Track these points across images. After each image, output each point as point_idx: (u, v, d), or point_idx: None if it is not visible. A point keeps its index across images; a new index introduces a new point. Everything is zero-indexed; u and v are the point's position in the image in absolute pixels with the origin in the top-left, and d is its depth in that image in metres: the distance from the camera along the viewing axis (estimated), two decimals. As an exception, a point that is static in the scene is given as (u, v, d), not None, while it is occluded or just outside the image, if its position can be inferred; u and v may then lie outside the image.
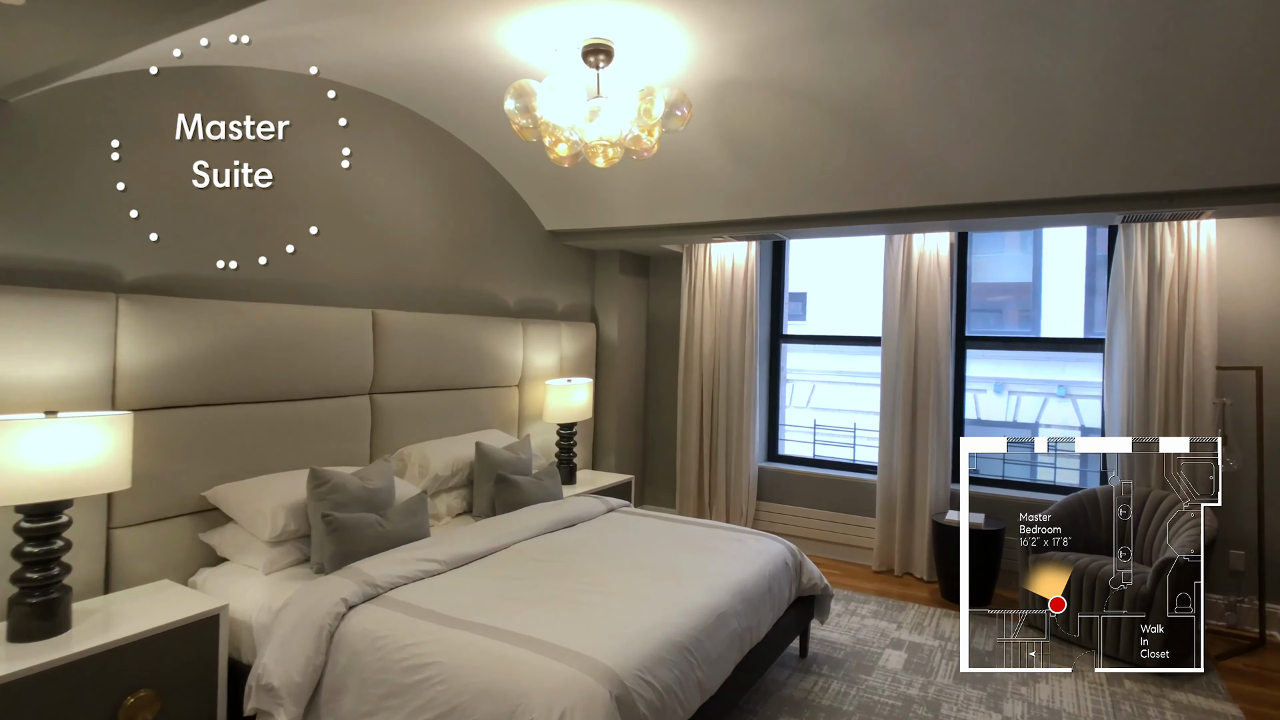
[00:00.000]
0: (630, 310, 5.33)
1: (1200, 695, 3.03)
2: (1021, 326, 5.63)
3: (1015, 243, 5.80)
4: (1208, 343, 3.63)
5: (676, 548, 3.12)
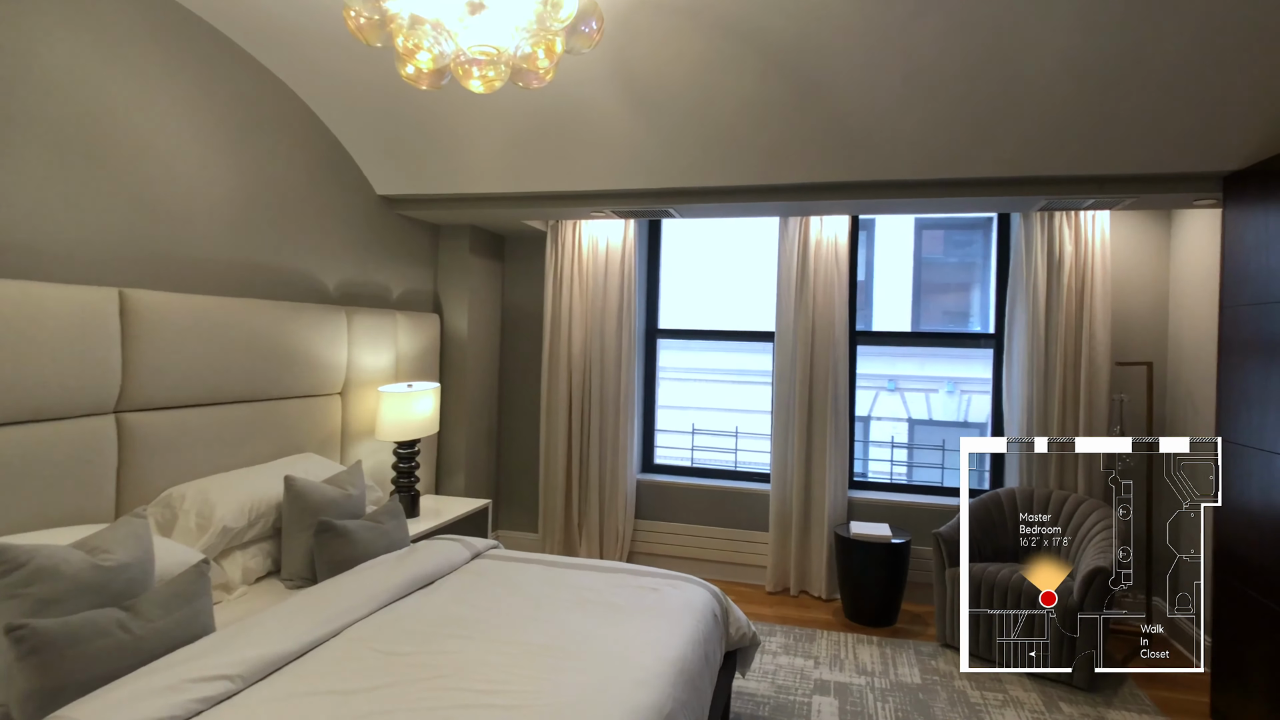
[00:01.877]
0: (483, 298, 4.44)
1: (1135, 712, 2.84)
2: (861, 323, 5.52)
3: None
4: (1103, 338, 3.55)
5: (579, 610, 2.36)
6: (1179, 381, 3.48)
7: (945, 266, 6.87)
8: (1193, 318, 3.38)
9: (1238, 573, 2.68)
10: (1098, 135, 2.68)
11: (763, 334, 4.42)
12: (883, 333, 4.67)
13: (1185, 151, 2.69)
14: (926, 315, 5.95)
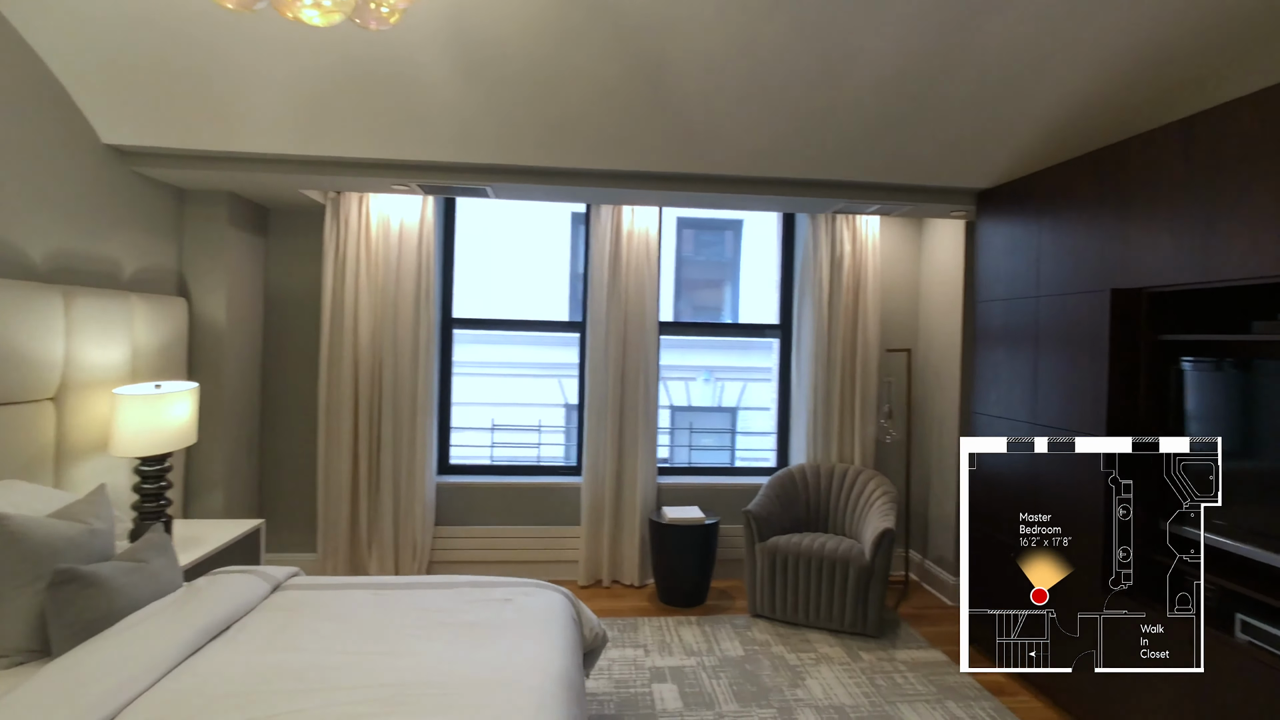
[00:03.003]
0: (244, 281, 3.71)
1: (915, 649, 3.29)
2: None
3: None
4: (874, 328, 4.06)
5: (434, 636, 2.07)
6: (928, 365, 4.12)
7: (697, 264, 7.40)
8: (938, 311, 4.03)
9: (982, 518, 3.24)
10: (892, 149, 3.04)
11: (568, 324, 4.33)
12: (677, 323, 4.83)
13: (955, 170, 3.17)
14: (684, 309, 6.35)
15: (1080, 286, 2.61)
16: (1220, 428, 2.28)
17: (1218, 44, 2.46)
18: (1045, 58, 2.55)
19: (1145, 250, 2.34)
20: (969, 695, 2.88)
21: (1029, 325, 2.91)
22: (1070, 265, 2.67)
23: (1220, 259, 2.08)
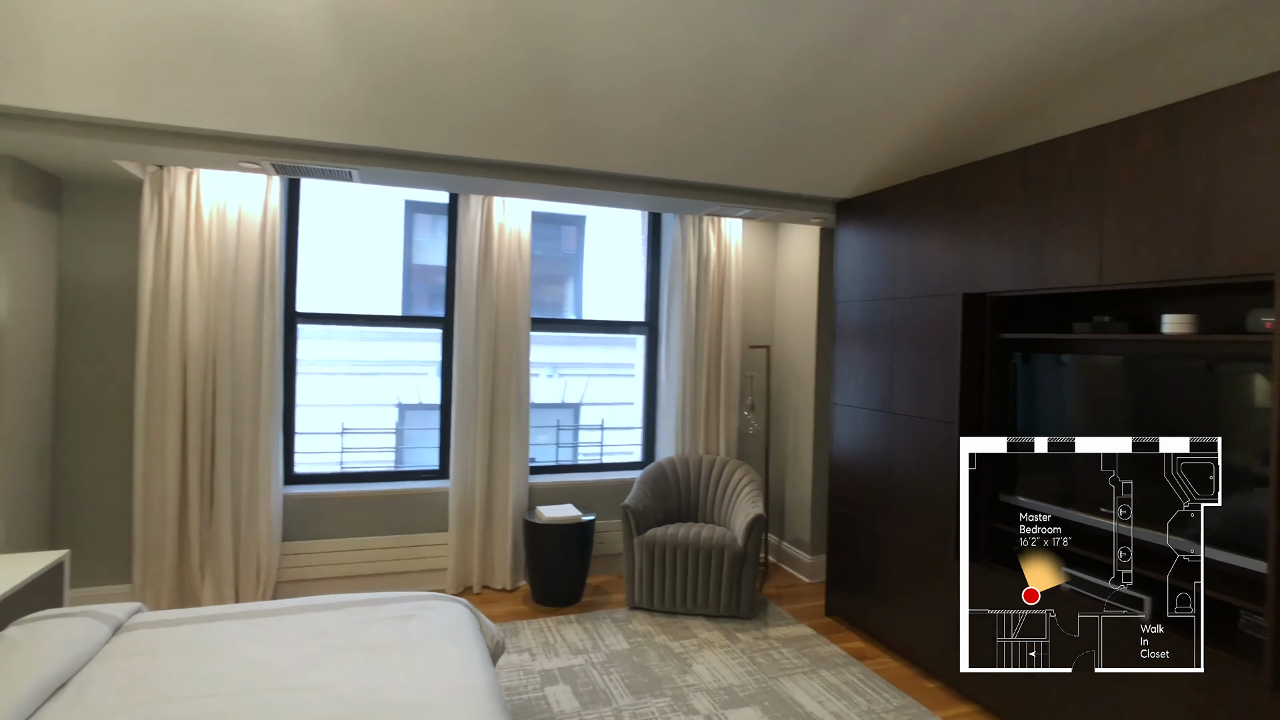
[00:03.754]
0: (28, 264, 3.09)
1: (785, 626, 3.53)
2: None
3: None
4: (737, 326, 4.28)
5: (336, 663, 1.88)
6: (784, 360, 4.41)
7: (538, 259, 7.34)
8: (794, 310, 4.33)
9: (841, 500, 3.56)
10: (768, 159, 3.22)
11: (429, 320, 4.10)
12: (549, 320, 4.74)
13: (820, 181, 3.43)
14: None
15: (934, 290, 2.95)
16: (1041, 412, 2.69)
17: (1043, 85, 2.90)
18: (902, 88, 2.83)
19: (991, 260, 2.69)
20: (839, 663, 3.15)
21: (886, 324, 3.24)
22: (925, 271, 3.01)
23: (1051, 270, 2.45)
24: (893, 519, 3.19)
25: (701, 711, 2.75)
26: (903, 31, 2.51)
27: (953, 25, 2.50)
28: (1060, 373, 2.64)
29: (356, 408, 4.82)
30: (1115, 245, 2.23)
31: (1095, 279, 2.30)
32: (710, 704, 2.80)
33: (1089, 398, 2.53)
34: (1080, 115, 2.77)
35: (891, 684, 2.97)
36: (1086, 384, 2.53)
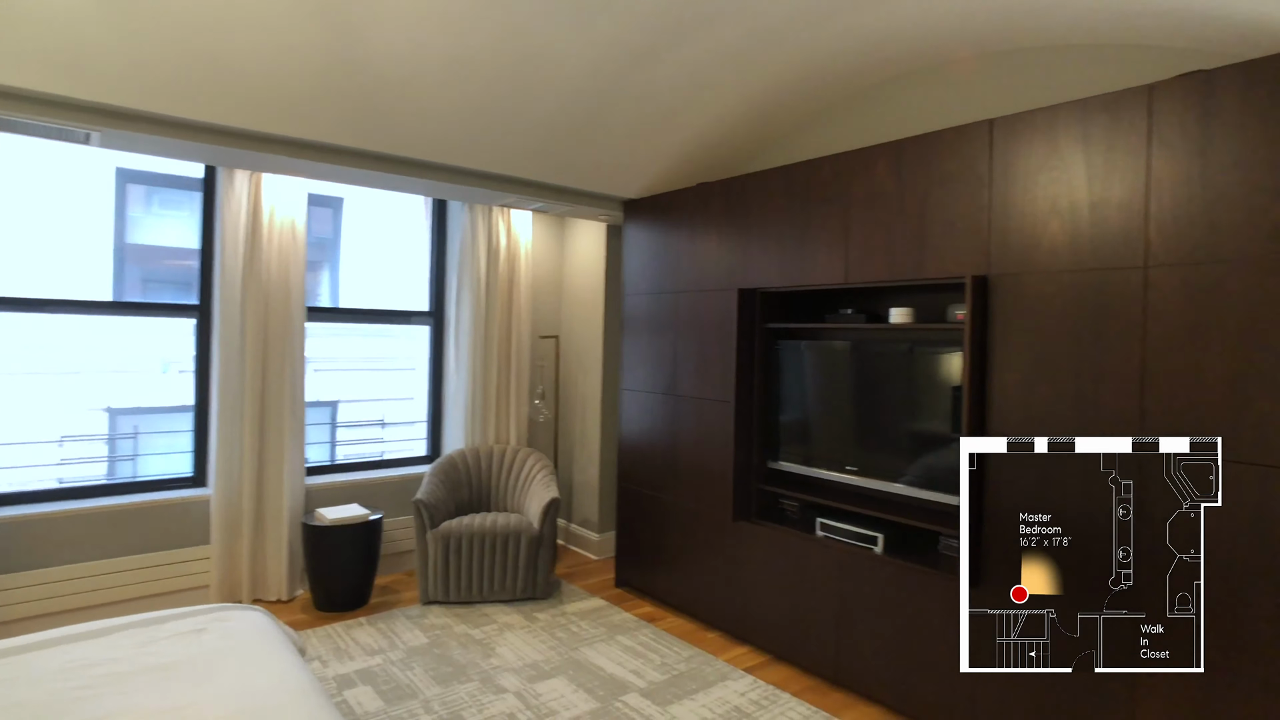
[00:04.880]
0: None
1: (580, 601, 3.71)
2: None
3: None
4: (527, 317, 4.37)
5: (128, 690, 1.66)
6: (573, 349, 4.60)
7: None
8: (581, 302, 4.53)
9: (630, 478, 3.84)
10: (564, 156, 3.36)
11: (183, 308, 3.60)
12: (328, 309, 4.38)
13: (611, 181, 3.65)
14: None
15: (714, 285, 3.32)
16: (798, 388, 3.18)
17: (803, 112, 3.41)
18: (689, 102, 3.17)
19: (760, 260, 3.12)
20: (632, 628, 3.41)
21: (670, 315, 3.57)
22: (705, 268, 3.38)
23: (809, 270, 2.93)
24: (677, 491, 3.54)
25: (511, 689, 2.83)
26: (693, 52, 2.82)
27: (733, 53, 2.86)
28: (810, 355, 3.16)
29: (65, 412, 4.03)
30: (857, 251, 2.74)
31: (842, 278, 2.80)
32: (518, 681, 2.89)
33: (832, 375, 3.07)
34: (832, 140, 3.32)
35: (680, 639, 3.30)
36: (831, 364, 3.06)
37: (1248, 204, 1.85)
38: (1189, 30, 2.25)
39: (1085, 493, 2.11)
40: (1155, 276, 2.00)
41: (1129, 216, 2.05)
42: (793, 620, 3.01)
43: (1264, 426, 1.81)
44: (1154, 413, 2.00)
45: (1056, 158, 2.20)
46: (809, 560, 2.95)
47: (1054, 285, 2.20)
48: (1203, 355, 1.92)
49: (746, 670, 3.01)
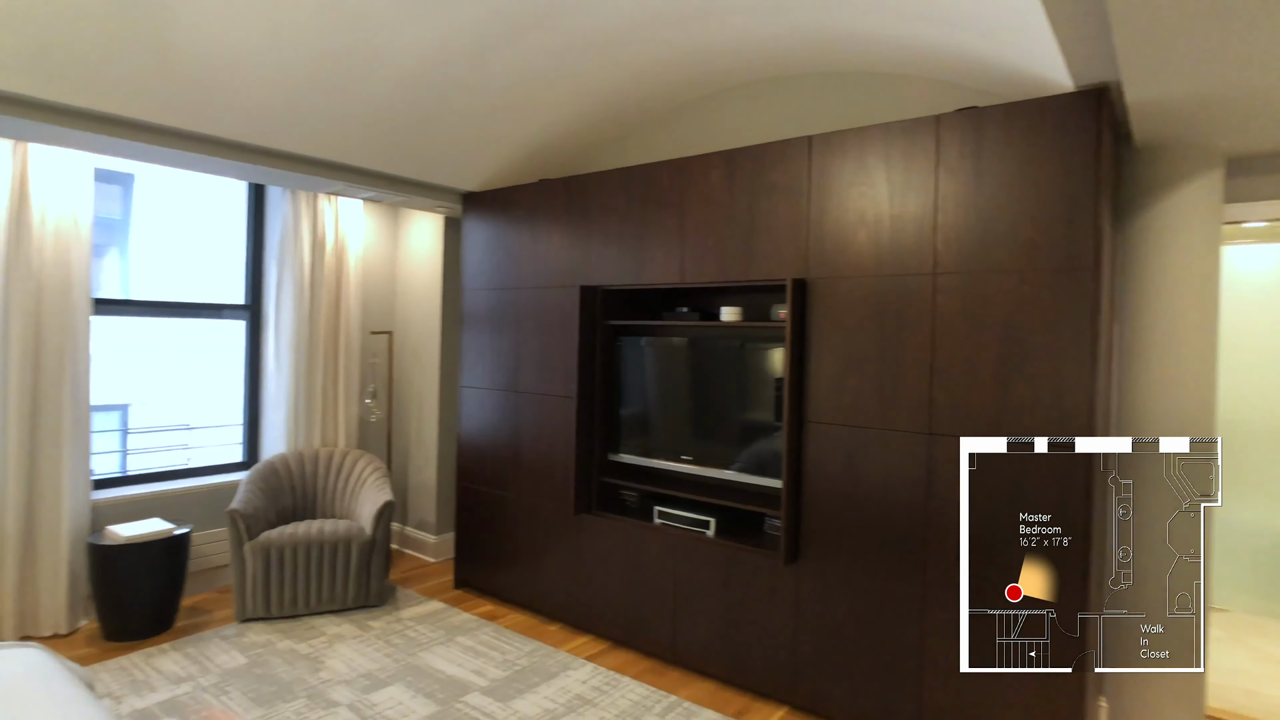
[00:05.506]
0: None
1: (417, 605, 3.59)
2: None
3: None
4: (357, 311, 4.13)
5: None
6: (407, 346, 4.40)
7: None
8: (417, 296, 4.36)
9: (469, 476, 3.77)
10: (398, 143, 3.22)
11: (-81, 293, 3.01)
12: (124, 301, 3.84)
13: (449, 172, 3.55)
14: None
15: (556, 282, 3.35)
16: (640, 385, 3.30)
17: (642, 116, 3.52)
18: (531, 98, 3.16)
19: (601, 258, 3.19)
20: (472, 628, 3.36)
21: (512, 311, 3.54)
22: (547, 265, 3.39)
23: (648, 269, 3.05)
24: (518, 488, 3.53)
25: (343, 701, 2.68)
26: (530, 49, 2.82)
27: (570, 55, 2.90)
28: (649, 351, 3.28)
29: None
30: (693, 252, 2.90)
31: (679, 278, 2.95)
32: (351, 693, 2.75)
33: (671, 370, 3.22)
34: (670, 144, 3.46)
35: (522, 634, 3.30)
36: (666, 360, 3.21)
37: (1009, 222, 2.19)
38: (970, 71, 2.62)
39: (899, 472, 2.40)
40: (942, 282, 2.31)
41: (921, 229, 2.35)
42: (632, 606, 3.12)
43: (1020, 409, 2.17)
44: (940, 400, 2.31)
45: (864, 174, 2.47)
46: (647, 548, 3.07)
47: (861, 288, 2.47)
48: (977, 350, 2.25)
49: (588, 659, 3.07)
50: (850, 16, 2.56)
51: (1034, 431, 2.13)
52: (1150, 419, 2.48)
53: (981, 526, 2.23)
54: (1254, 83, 1.90)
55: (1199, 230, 2.45)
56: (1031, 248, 2.16)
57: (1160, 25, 1.61)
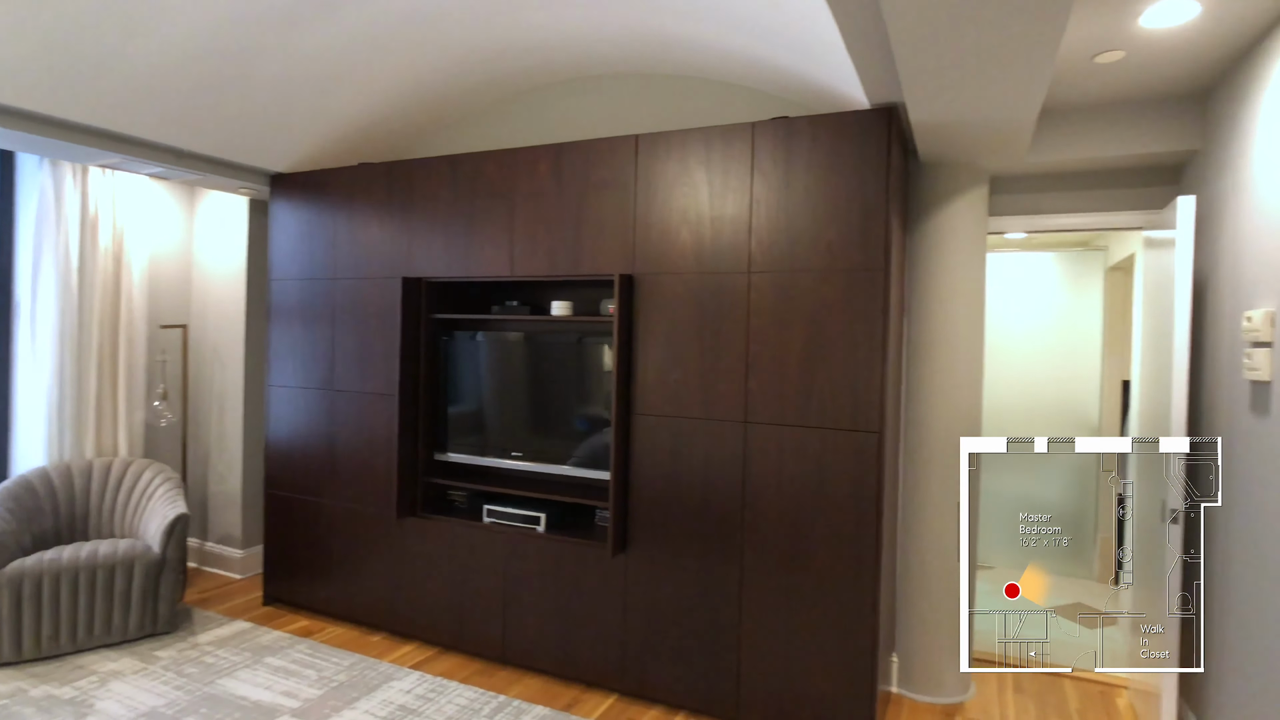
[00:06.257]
0: None
1: (218, 628, 3.23)
2: None
3: None
4: (142, 302, 3.64)
5: None
6: (206, 341, 3.94)
7: None
8: (218, 286, 3.90)
9: (280, 483, 3.47)
10: (189, 113, 2.86)
11: None
12: None
13: (252, 149, 3.22)
14: None
15: (376, 273, 3.16)
16: (471, 381, 3.20)
17: (469, 104, 3.40)
18: (348, 74, 2.95)
19: (426, 248, 3.05)
20: (284, 647, 3.08)
21: (326, 304, 3.29)
22: (366, 254, 3.19)
23: (475, 261, 2.96)
24: (335, 493, 3.29)
25: None
26: (345, 24, 2.64)
27: (390, 33, 2.75)
28: (482, 347, 3.19)
29: None
30: (522, 245, 2.85)
31: (508, 271, 2.90)
32: None
33: (503, 366, 3.15)
34: (500, 135, 3.39)
35: (341, 648, 3.08)
36: (500, 355, 3.14)
37: (813, 226, 2.38)
38: (785, 83, 2.80)
39: (719, 460, 2.52)
40: (756, 281, 2.46)
41: (738, 230, 2.48)
42: (461, 608, 3.02)
43: (823, 397, 2.36)
44: (754, 391, 2.46)
45: (687, 175, 2.57)
46: (476, 547, 2.99)
47: (684, 285, 2.57)
48: (786, 344, 2.41)
49: (413, 667, 2.94)
50: (675, 21, 2.65)
51: (833, 415, 2.34)
52: (931, 404, 2.80)
53: (789, 505, 2.41)
54: (1005, 113, 2.21)
55: (969, 239, 2.81)
56: (832, 250, 2.35)
57: (934, 60, 1.82)
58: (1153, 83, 2.53)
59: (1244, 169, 2.20)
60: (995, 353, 4.55)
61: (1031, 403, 4.51)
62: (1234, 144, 2.30)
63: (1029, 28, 1.61)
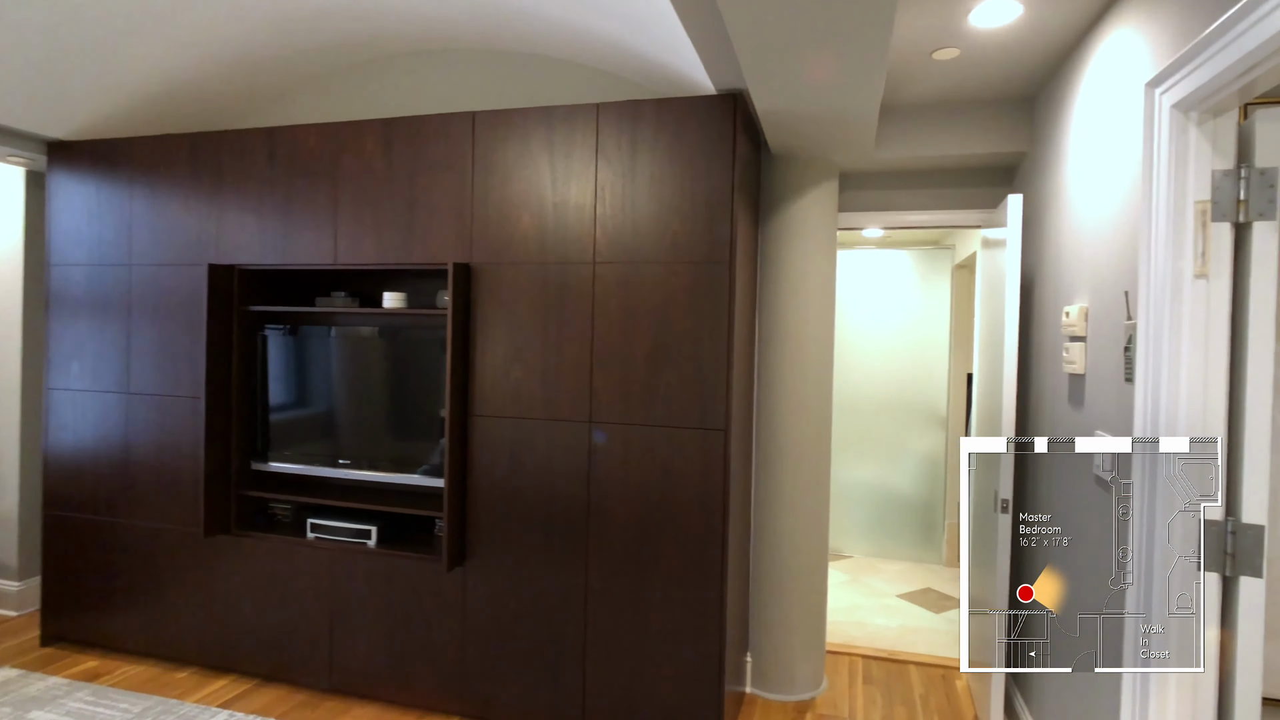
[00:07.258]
0: None
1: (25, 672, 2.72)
2: None
3: None
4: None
5: None
6: (-29, 338, 3.33)
7: None
8: (-18, 273, 3.32)
9: (63, 502, 2.98)
10: None
11: None
12: None
13: (20, 111, 2.71)
14: None
15: (178, 259, 2.75)
16: (289, 383, 2.87)
17: (288, 74, 3.05)
18: (138, 27, 2.55)
19: (238, 232, 2.69)
20: (59, 695, 2.63)
21: (121, 294, 2.84)
22: (168, 238, 2.77)
23: (295, 248, 2.64)
24: (131, 511, 2.86)
25: None
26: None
27: (191, -20, 2.39)
28: (306, 343, 2.87)
29: None
30: (347, 230, 2.57)
31: (331, 258, 2.60)
32: None
33: (327, 364, 2.84)
34: (326, 109, 3.06)
35: (134, 691, 2.67)
36: (326, 353, 2.83)
37: (659, 216, 2.26)
38: (632, 65, 2.67)
39: (563, 463, 2.35)
40: (601, 272, 2.32)
41: (583, 218, 2.33)
42: (282, 635, 2.70)
43: (670, 393, 2.25)
44: (599, 389, 2.31)
45: (528, 157, 2.38)
46: (298, 567, 2.67)
47: (526, 276, 2.39)
48: (632, 338, 2.29)
49: (223, 705, 2.58)
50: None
51: (680, 413, 2.23)
52: (782, 399, 2.77)
53: (636, 508, 2.29)
54: (845, 102, 2.18)
55: (820, 233, 2.80)
56: (678, 241, 2.25)
57: (767, 38, 1.74)
58: (987, 83, 2.60)
59: (1061, 171, 2.29)
60: (852, 349, 4.67)
61: (885, 397, 4.67)
62: (1053, 147, 2.40)
63: (857, 5, 1.55)
